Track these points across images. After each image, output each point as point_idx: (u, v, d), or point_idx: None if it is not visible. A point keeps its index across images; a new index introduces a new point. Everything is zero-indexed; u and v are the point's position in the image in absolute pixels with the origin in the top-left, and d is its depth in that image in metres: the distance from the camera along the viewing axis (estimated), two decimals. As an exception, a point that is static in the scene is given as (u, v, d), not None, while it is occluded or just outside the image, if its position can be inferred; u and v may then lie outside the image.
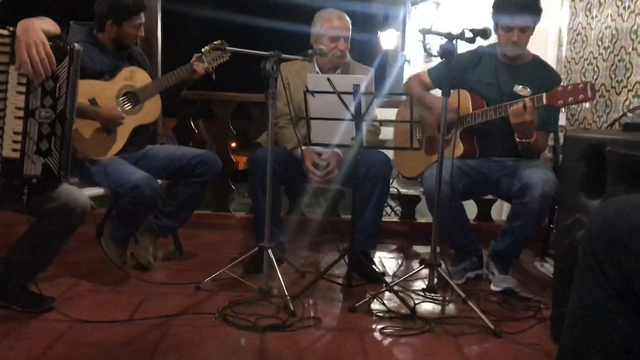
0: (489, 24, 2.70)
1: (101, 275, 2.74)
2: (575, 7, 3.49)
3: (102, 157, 2.71)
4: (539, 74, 2.84)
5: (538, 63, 2.90)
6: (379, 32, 11.50)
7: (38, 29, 1.91)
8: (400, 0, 11.02)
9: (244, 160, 3.15)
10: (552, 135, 3.09)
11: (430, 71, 3.06)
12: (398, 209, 5.01)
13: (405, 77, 10.62)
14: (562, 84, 2.88)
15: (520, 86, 2.80)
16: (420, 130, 3.11)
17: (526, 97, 2.62)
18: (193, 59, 2.89)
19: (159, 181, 2.83)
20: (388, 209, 7.42)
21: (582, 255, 1.22)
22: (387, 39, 11.10)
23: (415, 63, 9.44)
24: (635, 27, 2.77)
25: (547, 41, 3.85)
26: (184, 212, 2.96)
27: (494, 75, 2.86)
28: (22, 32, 1.89)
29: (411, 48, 9.95)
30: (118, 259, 2.81)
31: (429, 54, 2.55)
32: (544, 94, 2.51)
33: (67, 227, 2.13)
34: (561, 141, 3.03)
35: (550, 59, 3.74)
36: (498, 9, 2.76)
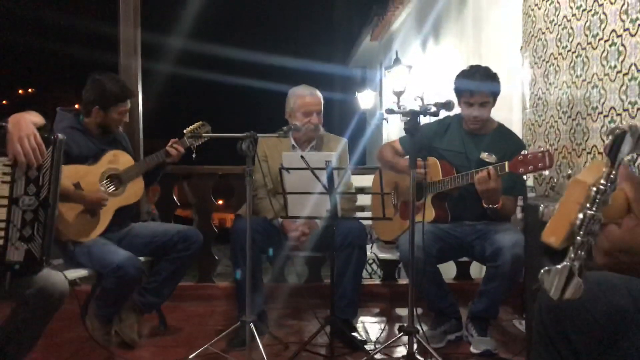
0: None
1: (86, 356, 2.75)
2: (534, 74, 3.70)
3: (86, 239, 2.77)
4: (503, 141, 2.99)
5: (502, 131, 3.06)
6: (357, 92, 11.88)
7: (28, 122, 2.03)
8: (375, 63, 11.44)
9: (232, 217, 3.20)
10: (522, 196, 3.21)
11: (401, 139, 3.21)
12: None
13: (384, 134, 10.92)
14: (526, 148, 3.03)
15: (486, 153, 2.94)
16: (395, 195, 3.24)
17: (491, 163, 2.76)
18: (169, 143, 2.99)
19: (142, 258, 2.89)
20: (374, 266, 7.47)
21: (536, 329, 1.31)
22: (364, 98, 11.49)
23: (392, 121, 9.71)
24: (587, 95, 2.95)
25: (512, 105, 4.04)
26: (167, 288, 3.00)
27: (461, 144, 3.01)
28: (13, 125, 2.00)
29: (388, 106, 10.27)
30: (103, 338, 2.82)
31: (404, 115, 2.69)
32: (506, 163, 2.64)
33: (46, 311, 2.14)
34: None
35: (516, 122, 3.94)
36: (458, 85, 2.94)
